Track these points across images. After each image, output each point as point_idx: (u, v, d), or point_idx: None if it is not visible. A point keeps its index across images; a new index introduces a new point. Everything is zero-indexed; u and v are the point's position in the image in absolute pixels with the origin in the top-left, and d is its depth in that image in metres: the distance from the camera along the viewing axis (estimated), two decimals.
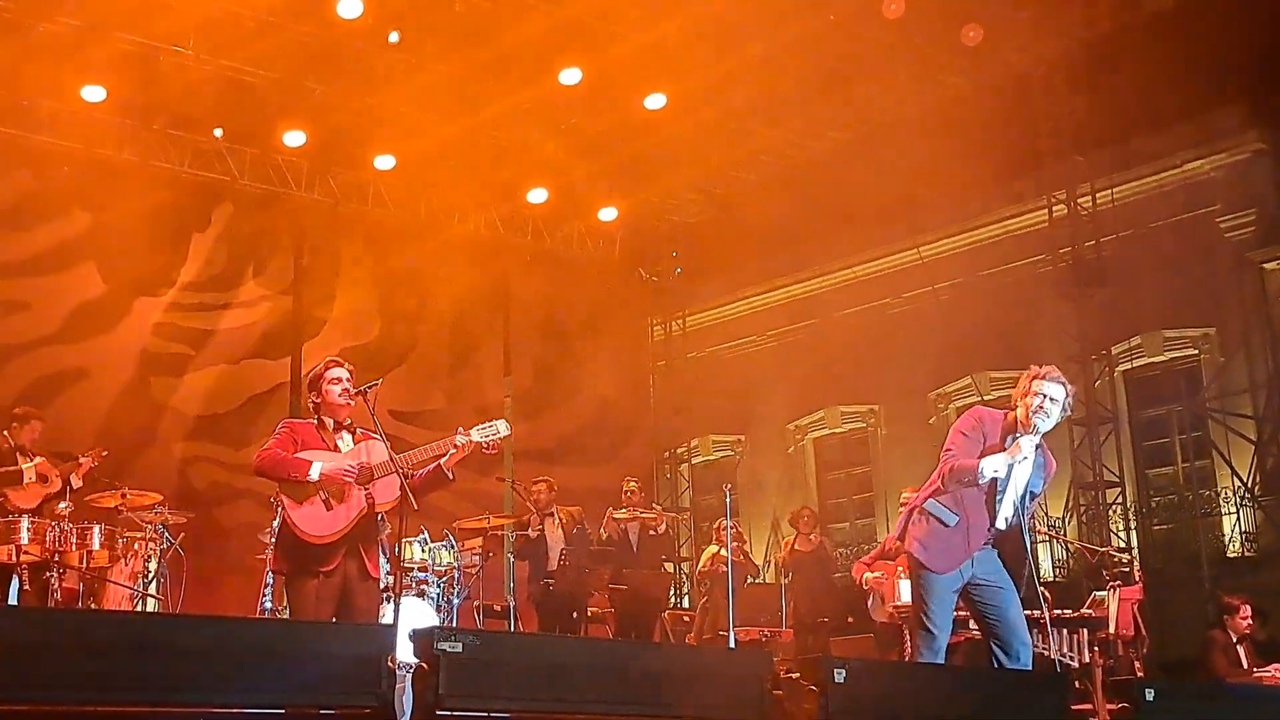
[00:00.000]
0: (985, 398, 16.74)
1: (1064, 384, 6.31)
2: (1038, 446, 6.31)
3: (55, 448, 10.25)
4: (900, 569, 9.29)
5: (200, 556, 10.51)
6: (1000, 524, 6.34)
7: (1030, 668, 6.51)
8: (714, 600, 12.69)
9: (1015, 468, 6.24)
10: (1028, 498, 6.38)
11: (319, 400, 6.58)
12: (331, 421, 6.56)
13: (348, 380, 6.54)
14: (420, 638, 4.38)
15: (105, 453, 9.98)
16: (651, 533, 12.71)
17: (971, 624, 7.48)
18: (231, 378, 15.07)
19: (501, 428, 6.55)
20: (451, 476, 6.49)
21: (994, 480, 6.25)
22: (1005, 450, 6.23)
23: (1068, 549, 15.13)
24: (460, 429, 6.52)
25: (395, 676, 4.38)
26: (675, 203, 17.88)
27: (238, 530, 12.81)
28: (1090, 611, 9.37)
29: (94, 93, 13.30)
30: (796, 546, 13.04)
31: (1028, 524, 6.46)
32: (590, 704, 4.73)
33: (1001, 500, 6.31)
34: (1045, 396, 6.22)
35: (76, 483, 9.63)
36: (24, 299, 13.86)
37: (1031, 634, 9.02)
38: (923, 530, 6.40)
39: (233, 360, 15.13)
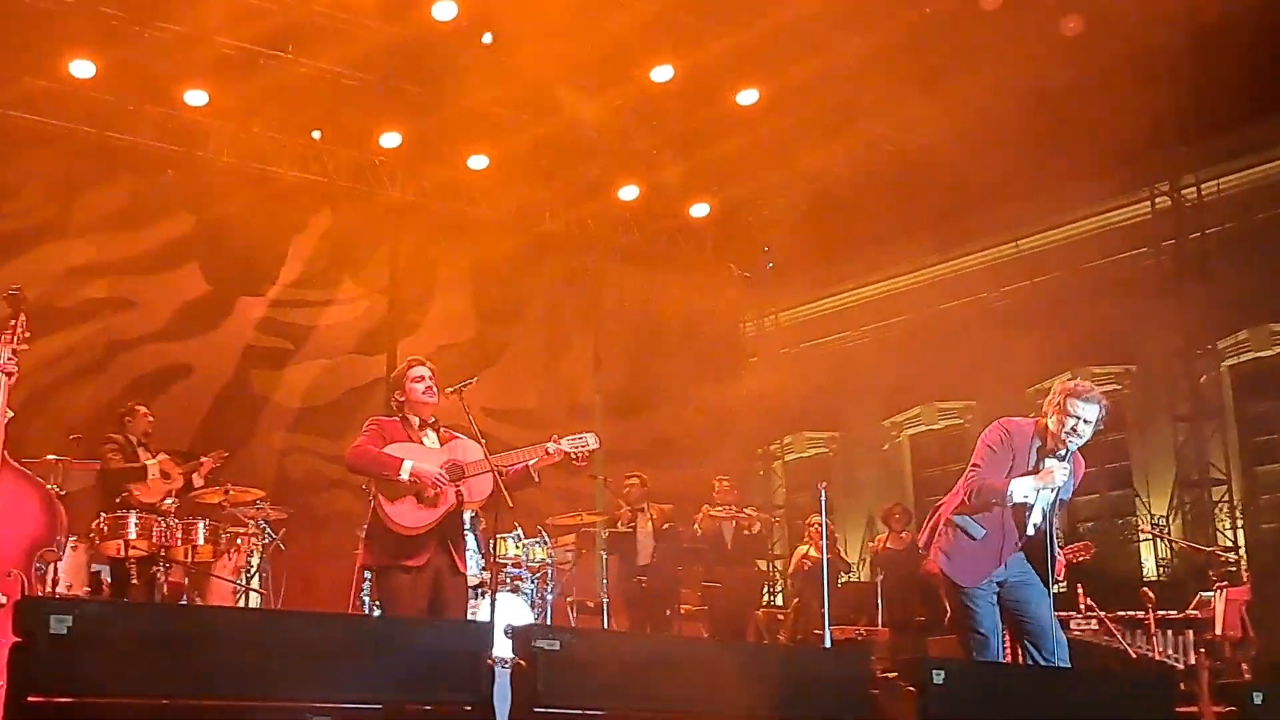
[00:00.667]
0: None
1: (1099, 403, 6.15)
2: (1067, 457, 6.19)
3: (161, 443, 10.46)
4: None
5: (297, 545, 10.67)
6: (1029, 531, 6.26)
7: (1069, 664, 6.40)
8: (805, 600, 12.62)
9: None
10: (1057, 505, 6.28)
11: (403, 399, 6.71)
12: (416, 419, 6.67)
13: (430, 378, 6.67)
14: (518, 635, 4.41)
15: (226, 454, 10.17)
16: (746, 532, 12.68)
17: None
18: (330, 373, 15.36)
19: (590, 441, 6.72)
20: (537, 479, 6.61)
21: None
22: (1036, 474, 6.14)
23: (1172, 548, 14.83)
24: (554, 437, 6.69)
25: (494, 674, 4.42)
26: (768, 198, 17.80)
27: (334, 518, 13.11)
28: (1196, 613, 9.20)
29: (196, 97, 13.59)
30: (889, 545, 12.92)
31: (1055, 530, 6.36)
32: (686, 703, 4.72)
33: (1030, 514, 6.23)
34: (1079, 419, 6.10)
35: (199, 482, 9.83)
36: (131, 297, 14.23)
37: (1135, 635, 8.95)
38: (948, 542, 6.33)
39: (331, 357, 15.41)
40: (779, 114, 14.90)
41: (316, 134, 14.69)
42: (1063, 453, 6.14)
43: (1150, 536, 14.45)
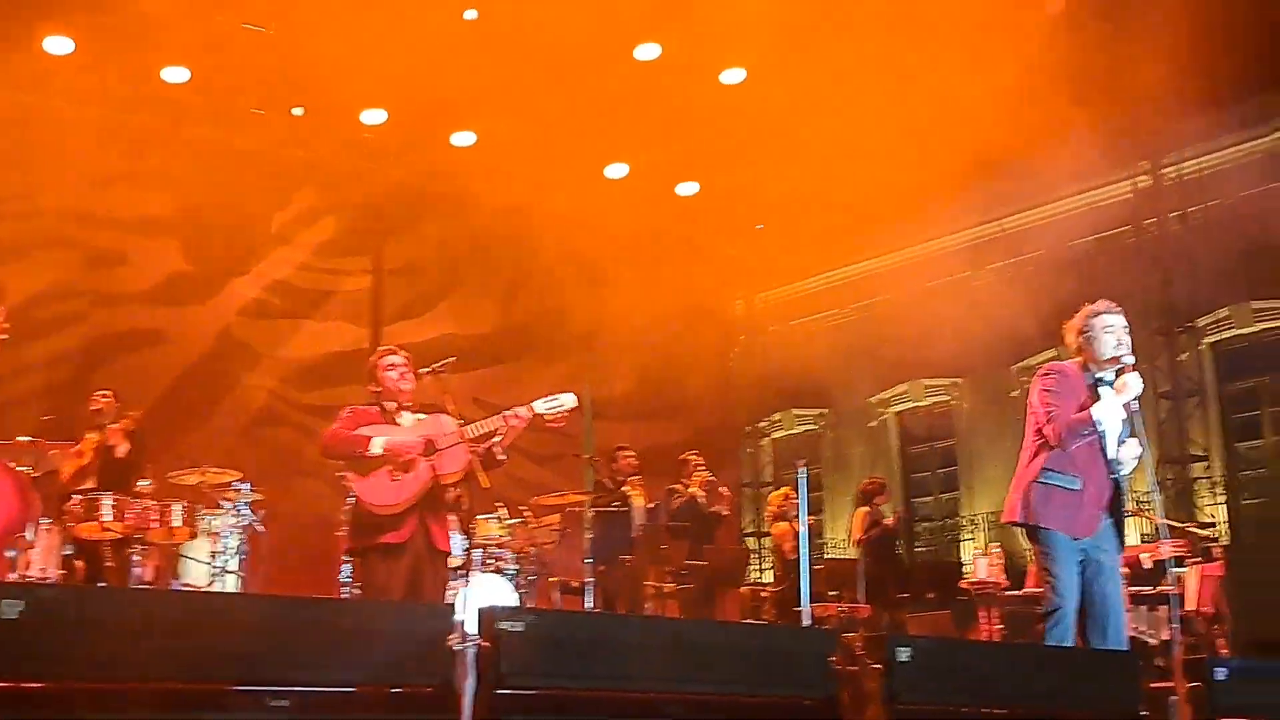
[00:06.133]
0: None
1: (1119, 309, 6.28)
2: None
3: (128, 404, 10.37)
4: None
5: (276, 519, 10.63)
6: (1115, 471, 6.25)
7: (1126, 646, 6.37)
8: (790, 577, 12.60)
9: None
10: (1121, 440, 6.27)
11: (378, 389, 6.71)
12: (393, 404, 6.68)
13: (403, 364, 6.66)
14: (483, 617, 4.43)
15: (134, 412, 10.01)
16: (717, 509, 12.57)
17: None
18: (314, 346, 15.41)
19: (567, 400, 6.61)
20: (503, 457, 6.56)
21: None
22: (1108, 393, 6.13)
23: (1155, 527, 14.90)
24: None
25: (457, 656, 4.44)
26: (757, 176, 17.74)
27: (306, 467, 13.24)
28: (1170, 588, 9.25)
29: (176, 74, 13.56)
30: (871, 520, 12.91)
31: (1127, 470, 6.38)
32: (652, 682, 4.75)
33: (1106, 448, 6.21)
34: (1117, 329, 6.20)
35: (118, 443, 9.70)
36: (113, 265, 14.38)
37: None
38: (1049, 502, 6.21)
39: (315, 335, 15.46)
40: (767, 91, 14.85)
41: (298, 110, 14.64)
42: (1119, 368, 6.18)
43: (1132, 514, 14.49)
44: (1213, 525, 13.70)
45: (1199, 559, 9.38)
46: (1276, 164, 15.39)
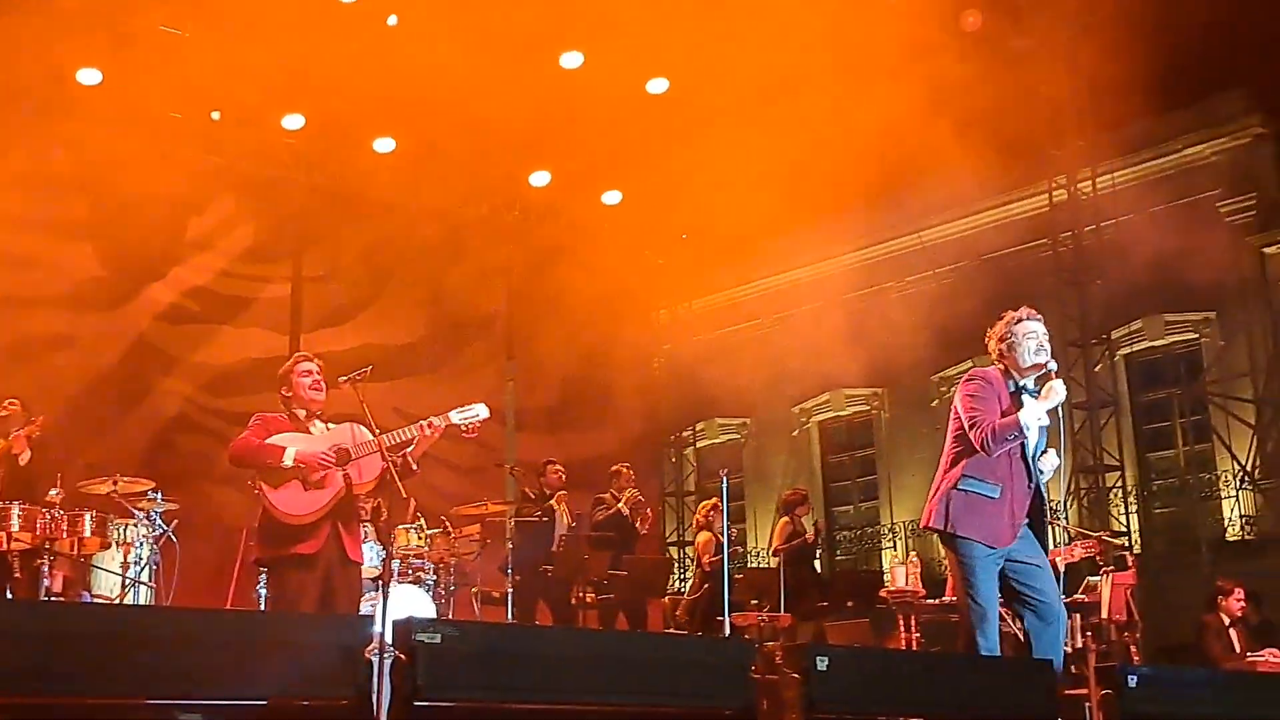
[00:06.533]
0: None
1: (1040, 316, 6.25)
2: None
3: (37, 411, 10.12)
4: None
5: (190, 527, 10.42)
6: (1036, 479, 6.19)
7: (1061, 651, 6.36)
8: (711, 586, 12.62)
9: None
10: (1040, 450, 6.23)
11: (290, 394, 6.63)
12: (304, 412, 6.61)
13: (317, 372, 6.61)
14: (398, 629, 4.38)
15: (37, 419, 9.76)
16: (639, 525, 12.56)
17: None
18: (231, 353, 15.19)
19: (481, 411, 6.60)
20: (416, 468, 6.52)
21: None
22: (1031, 401, 6.08)
23: (1069, 534, 15.12)
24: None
25: (374, 667, 4.38)
26: (681, 186, 17.77)
27: (221, 475, 13.01)
28: (1083, 597, 9.39)
29: (91, 75, 13.32)
30: (792, 529, 12.95)
31: (1045, 480, 6.34)
32: (572, 694, 4.72)
33: (1027, 456, 6.15)
34: (1038, 334, 6.16)
35: (20, 451, 9.46)
36: (35, 255, 14.03)
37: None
38: (969, 510, 6.14)
39: (233, 342, 15.24)
40: (689, 101, 14.90)
41: (216, 114, 14.43)
42: (1041, 374, 6.15)
43: (1048, 523, 14.70)
44: (1125, 534, 13.93)
45: (1112, 567, 9.53)
46: (1187, 180, 15.76)
